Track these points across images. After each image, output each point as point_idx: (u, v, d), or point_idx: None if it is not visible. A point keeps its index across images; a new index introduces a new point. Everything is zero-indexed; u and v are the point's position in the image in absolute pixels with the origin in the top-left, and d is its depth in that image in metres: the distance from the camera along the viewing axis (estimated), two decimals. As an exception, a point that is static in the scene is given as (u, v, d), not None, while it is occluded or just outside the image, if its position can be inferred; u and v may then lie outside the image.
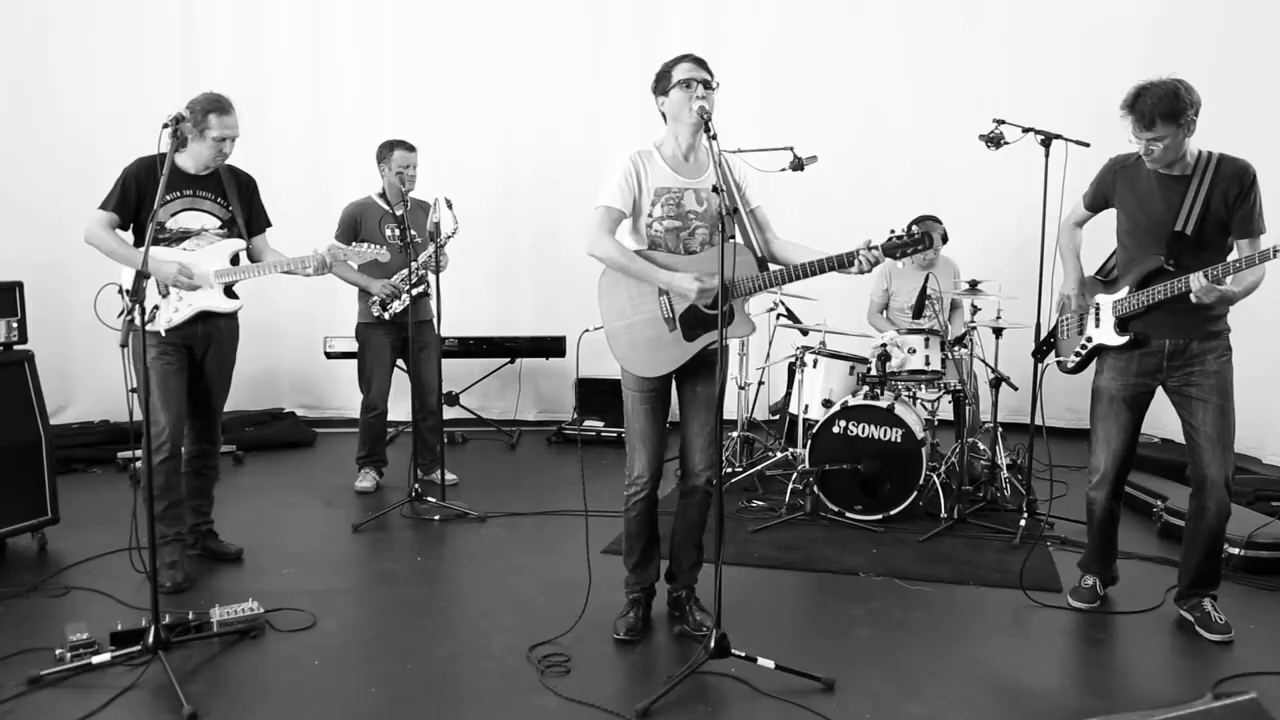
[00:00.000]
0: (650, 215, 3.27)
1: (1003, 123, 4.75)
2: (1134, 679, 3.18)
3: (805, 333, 5.56)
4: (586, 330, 3.35)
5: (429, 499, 4.90)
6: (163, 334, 3.85)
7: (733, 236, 2.92)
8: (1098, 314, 3.62)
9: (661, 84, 3.26)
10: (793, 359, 5.49)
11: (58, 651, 3.14)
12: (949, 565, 4.16)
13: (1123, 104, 3.23)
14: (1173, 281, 3.32)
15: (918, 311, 4.99)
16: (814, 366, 5.26)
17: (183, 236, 3.90)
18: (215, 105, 3.80)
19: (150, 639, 3.06)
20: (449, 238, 5.11)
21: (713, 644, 3.01)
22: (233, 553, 4.21)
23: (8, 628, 3.46)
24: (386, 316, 5.14)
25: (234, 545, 4.25)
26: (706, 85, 3.19)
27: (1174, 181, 3.35)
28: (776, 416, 6.22)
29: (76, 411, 6.56)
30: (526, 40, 7.07)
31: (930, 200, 6.48)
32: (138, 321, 2.95)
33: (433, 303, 5.12)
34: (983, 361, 5.12)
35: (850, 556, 4.27)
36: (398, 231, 5.02)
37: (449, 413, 6.85)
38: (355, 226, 5.11)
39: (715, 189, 2.96)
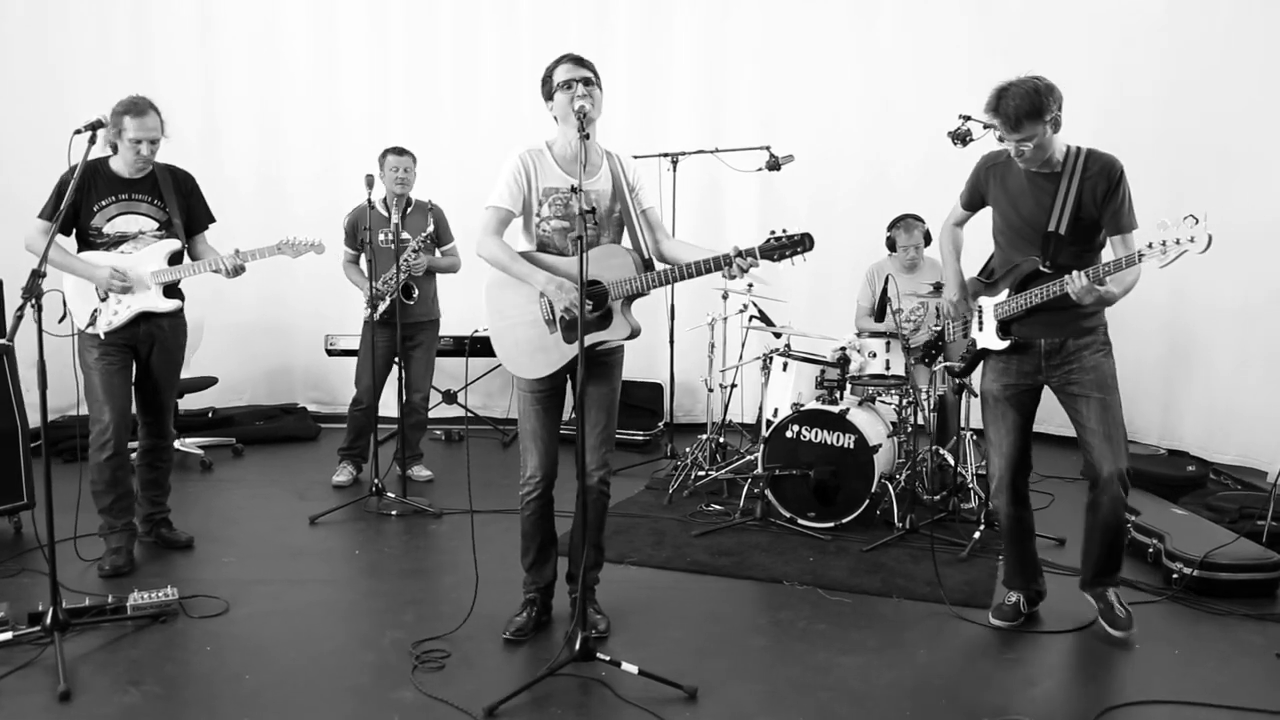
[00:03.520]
0: (539, 215, 3.28)
1: (969, 118, 4.61)
2: (1020, 700, 3.01)
3: (779, 335, 5.47)
4: (475, 331, 3.37)
5: (390, 494, 5.00)
6: (102, 336, 3.96)
7: (579, 236, 2.89)
8: (980, 317, 3.56)
9: (546, 88, 3.26)
10: (760, 359, 5.40)
11: (-27, 629, 3.32)
12: (880, 576, 4.03)
13: (986, 106, 3.16)
14: (1050, 284, 3.24)
15: (879, 315, 4.85)
16: (784, 370, 5.17)
17: (120, 240, 4.00)
18: (130, 107, 3.86)
19: (49, 620, 3.22)
20: (424, 239, 5.31)
21: (576, 647, 3.00)
22: (183, 541, 4.36)
23: (-49, 605, 3.67)
24: (375, 317, 5.28)
25: (185, 534, 4.39)
26: (587, 83, 3.18)
27: (1044, 179, 3.29)
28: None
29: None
30: (530, 39, 7.07)
31: (943, 197, 6.28)
32: (28, 317, 3.06)
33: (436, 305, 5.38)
34: (945, 368, 4.95)
35: (783, 564, 4.17)
36: (390, 235, 5.23)
37: (449, 410, 6.97)
38: (355, 232, 5.38)
39: (574, 189, 2.95)
